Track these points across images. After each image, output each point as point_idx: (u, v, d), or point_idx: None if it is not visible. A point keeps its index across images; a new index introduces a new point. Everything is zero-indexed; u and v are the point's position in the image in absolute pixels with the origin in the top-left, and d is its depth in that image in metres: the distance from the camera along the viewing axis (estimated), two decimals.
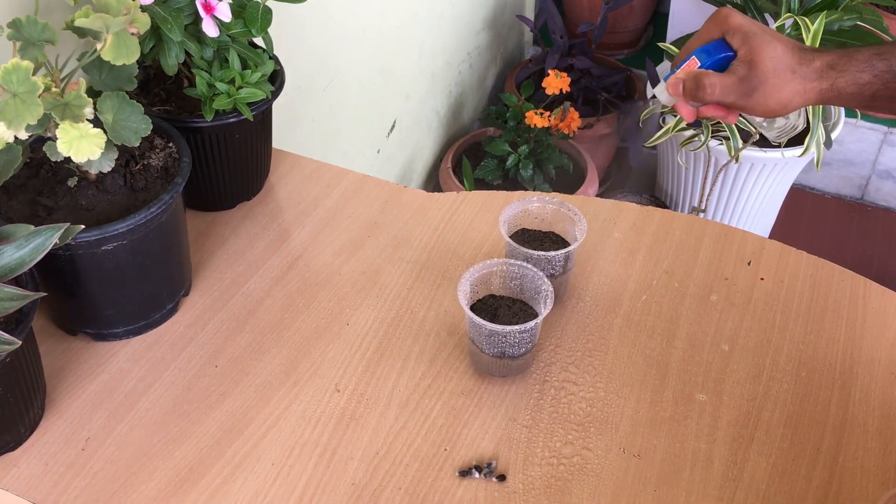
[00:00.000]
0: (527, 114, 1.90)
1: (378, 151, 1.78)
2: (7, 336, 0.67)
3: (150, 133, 0.77)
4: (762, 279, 0.94)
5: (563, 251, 0.86)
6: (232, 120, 0.91)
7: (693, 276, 0.94)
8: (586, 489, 0.74)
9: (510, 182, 1.94)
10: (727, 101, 0.75)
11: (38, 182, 0.81)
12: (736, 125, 1.63)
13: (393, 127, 1.81)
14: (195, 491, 0.74)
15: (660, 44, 1.74)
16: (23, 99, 0.66)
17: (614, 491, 0.74)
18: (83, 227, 0.73)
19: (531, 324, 0.79)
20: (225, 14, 0.84)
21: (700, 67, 0.78)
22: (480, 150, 2.03)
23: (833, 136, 1.85)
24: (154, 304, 0.85)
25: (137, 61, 0.74)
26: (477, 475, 0.75)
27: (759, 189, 1.95)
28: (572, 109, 1.97)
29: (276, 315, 0.89)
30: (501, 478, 0.75)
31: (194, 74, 0.89)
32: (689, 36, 1.82)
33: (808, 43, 1.52)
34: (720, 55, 0.78)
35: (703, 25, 0.79)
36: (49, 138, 0.73)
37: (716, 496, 0.74)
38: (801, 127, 0.83)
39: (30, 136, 0.71)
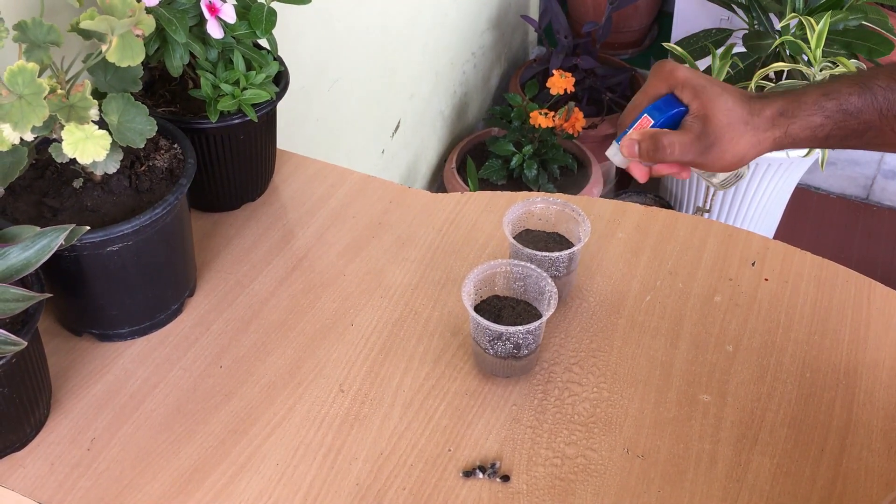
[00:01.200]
0: (531, 114, 1.90)
1: (382, 151, 1.78)
2: (13, 337, 0.67)
3: (154, 134, 0.77)
4: (766, 280, 0.94)
5: (566, 252, 0.87)
6: (236, 121, 0.91)
7: (697, 277, 0.94)
8: (590, 489, 0.74)
9: (514, 182, 1.95)
10: (685, 160, 0.74)
11: (44, 183, 0.81)
12: None
13: (397, 127, 1.81)
14: (200, 491, 0.74)
15: (664, 44, 1.74)
16: (28, 101, 0.67)
17: (618, 491, 0.74)
18: (88, 228, 0.73)
19: (535, 324, 0.79)
20: (229, 16, 0.85)
21: (653, 125, 0.76)
22: (485, 150, 2.03)
23: None
24: (159, 304, 0.86)
25: (142, 63, 0.74)
26: (481, 475, 0.75)
27: (764, 189, 1.95)
28: (577, 109, 1.97)
29: (280, 315, 0.89)
30: (505, 478, 0.75)
31: (199, 76, 0.89)
32: (689, 39, 1.82)
33: (812, 44, 1.52)
34: (672, 111, 0.75)
35: (648, 80, 0.77)
36: (54, 140, 0.73)
37: (720, 497, 0.74)
38: (745, 174, 0.84)
39: (35, 138, 0.72)
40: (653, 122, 0.76)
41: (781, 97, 0.72)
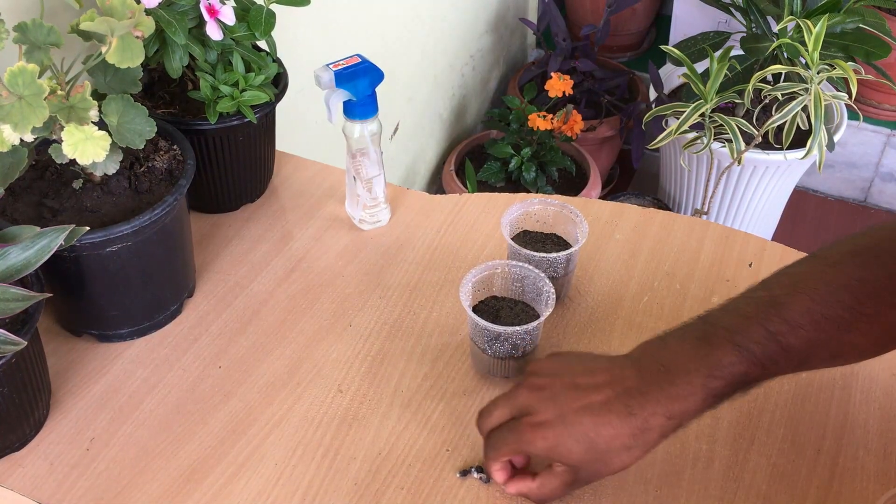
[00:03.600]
0: (529, 116, 1.91)
1: (381, 154, 1.78)
2: (13, 337, 0.67)
3: (154, 135, 0.77)
4: None
5: (564, 253, 0.87)
6: (235, 122, 0.91)
7: (694, 278, 0.94)
8: (587, 489, 0.74)
9: (513, 184, 1.95)
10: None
11: (44, 184, 0.81)
12: (738, 127, 1.64)
13: (396, 130, 1.82)
14: (199, 491, 0.74)
15: (662, 46, 1.74)
16: (28, 102, 0.67)
17: (615, 491, 0.75)
18: (88, 228, 0.74)
19: (533, 325, 0.79)
20: (229, 17, 0.85)
21: None
22: (483, 152, 2.04)
23: (836, 138, 1.85)
24: (158, 305, 0.86)
25: (142, 64, 0.75)
26: (476, 475, 0.75)
27: (762, 191, 1.96)
28: (575, 112, 1.97)
29: (279, 316, 0.89)
30: (487, 479, 0.75)
31: (198, 77, 0.90)
32: (687, 42, 1.83)
33: (809, 47, 1.52)
34: None
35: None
36: (54, 141, 0.73)
37: (716, 496, 0.74)
38: None
39: (35, 139, 0.72)
40: None
41: (658, 405, 0.64)
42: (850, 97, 1.60)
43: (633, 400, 0.65)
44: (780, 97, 1.64)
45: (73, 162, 0.74)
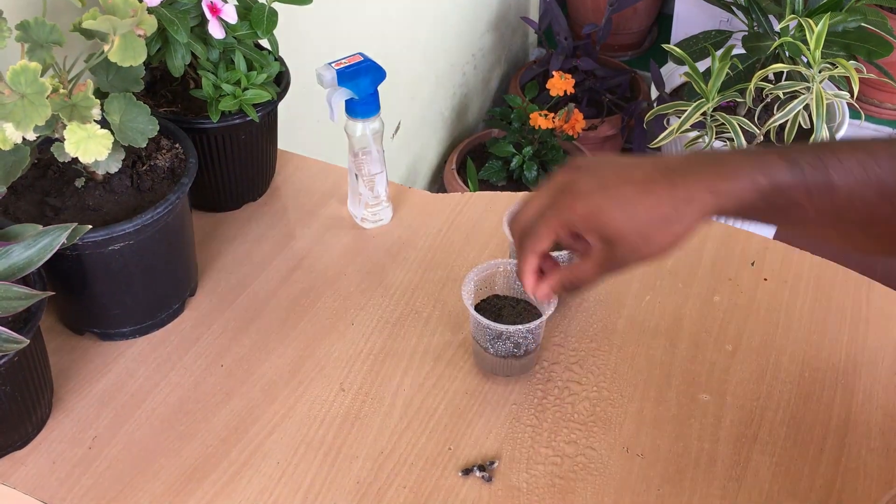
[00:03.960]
0: (531, 115, 1.91)
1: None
2: (15, 335, 0.67)
3: (156, 134, 0.77)
4: (766, 280, 0.94)
5: (566, 252, 0.87)
6: (237, 121, 0.91)
7: (697, 277, 0.94)
8: (590, 488, 0.75)
9: (514, 183, 1.95)
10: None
11: (46, 182, 0.81)
12: (740, 126, 1.63)
13: (397, 128, 1.82)
14: (201, 489, 0.74)
15: (664, 45, 1.74)
16: (31, 100, 0.67)
17: (617, 490, 0.75)
18: (90, 227, 0.74)
19: (535, 323, 0.79)
20: (231, 16, 0.85)
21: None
22: (485, 151, 2.04)
23: (837, 137, 1.85)
24: (160, 303, 0.86)
25: (144, 63, 0.75)
26: (478, 473, 0.75)
27: None
28: (576, 111, 1.97)
29: (281, 315, 0.89)
30: (489, 478, 0.75)
31: (200, 76, 0.90)
32: (689, 41, 1.83)
33: (811, 45, 1.52)
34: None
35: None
36: (57, 139, 0.74)
37: (719, 495, 0.74)
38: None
39: (38, 137, 0.72)
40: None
41: (703, 180, 0.62)
42: (852, 96, 1.60)
43: (676, 174, 0.62)
44: (781, 96, 1.64)
45: (75, 160, 0.74)
